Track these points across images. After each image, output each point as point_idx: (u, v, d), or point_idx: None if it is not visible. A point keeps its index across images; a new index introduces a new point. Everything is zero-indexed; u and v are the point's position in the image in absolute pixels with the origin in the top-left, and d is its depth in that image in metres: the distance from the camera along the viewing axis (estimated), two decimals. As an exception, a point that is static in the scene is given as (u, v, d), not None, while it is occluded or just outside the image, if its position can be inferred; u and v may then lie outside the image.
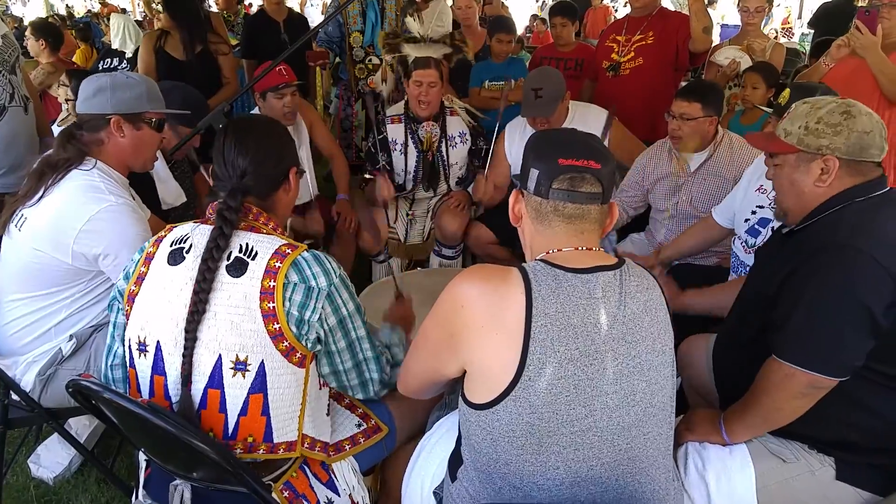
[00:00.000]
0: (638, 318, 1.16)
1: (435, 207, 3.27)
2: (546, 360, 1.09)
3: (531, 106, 2.81)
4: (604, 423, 1.12)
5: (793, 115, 1.48)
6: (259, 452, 1.29)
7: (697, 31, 3.17)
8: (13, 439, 2.21)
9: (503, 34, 3.83)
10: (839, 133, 1.39)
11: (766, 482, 1.44)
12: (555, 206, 1.19)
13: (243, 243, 1.30)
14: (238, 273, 1.27)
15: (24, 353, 1.80)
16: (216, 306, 1.26)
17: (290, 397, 1.31)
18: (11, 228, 1.75)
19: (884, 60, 2.73)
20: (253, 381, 1.26)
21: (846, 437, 1.42)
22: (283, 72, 2.87)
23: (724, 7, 10.72)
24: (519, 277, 1.14)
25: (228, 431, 1.27)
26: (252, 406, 1.27)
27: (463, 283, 1.18)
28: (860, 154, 1.40)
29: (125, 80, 1.80)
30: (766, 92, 3.19)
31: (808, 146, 1.42)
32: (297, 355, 1.29)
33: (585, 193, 1.18)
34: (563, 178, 1.18)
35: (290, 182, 1.45)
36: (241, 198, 1.33)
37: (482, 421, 1.14)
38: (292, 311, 1.26)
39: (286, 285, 1.26)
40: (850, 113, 1.40)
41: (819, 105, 1.44)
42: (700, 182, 2.58)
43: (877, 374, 1.38)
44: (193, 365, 1.26)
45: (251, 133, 1.40)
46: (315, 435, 1.38)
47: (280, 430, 1.30)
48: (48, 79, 3.89)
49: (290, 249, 1.30)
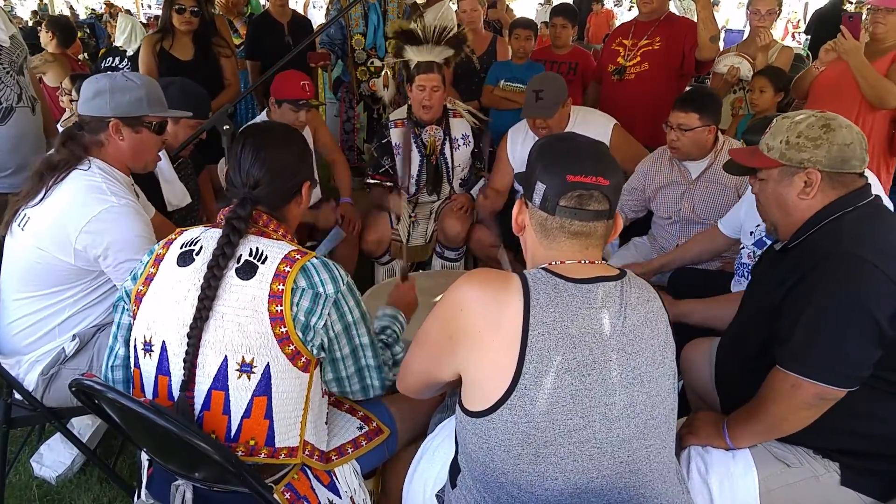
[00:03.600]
0: (638, 329, 1.15)
1: (438, 210, 3.28)
2: (543, 368, 1.08)
3: (532, 107, 2.82)
4: (602, 434, 1.11)
5: (774, 130, 1.50)
6: (260, 456, 1.29)
7: (705, 39, 3.17)
8: (16, 438, 2.21)
9: (521, 29, 3.81)
10: (820, 146, 1.41)
11: (770, 487, 1.44)
12: (561, 223, 1.17)
13: (253, 247, 1.31)
14: (247, 276, 1.27)
15: (27, 353, 1.80)
16: (223, 307, 1.26)
17: (293, 401, 1.31)
18: (14, 228, 1.76)
19: (865, 65, 2.76)
20: (258, 383, 1.26)
21: (853, 444, 1.42)
22: (307, 88, 2.87)
23: (726, 10, 10.70)
24: (518, 284, 1.13)
25: (231, 434, 1.27)
26: (256, 409, 1.27)
27: (463, 287, 1.17)
28: (842, 166, 1.41)
29: (124, 83, 1.79)
30: (774, 95, 3.17)
31: (790, 160, 1.44)
32: (301, 359, 1.29)
33: (593, 212, 1.16)
34: (572, 195, 1.15)
35: (301, 196, 1.45)
36: (251, 207, 1.34)
37: (478, 429, 1.14)
38: (299, 316, 1.27)
39: (294, 290, 1.27)
40: (829, 126, 1.42)
41: (798, 119, 1.46)
42: (702, 190, 2.58)
43: (884, 383, 1.38)
44: (198, 366, 1.26)
45: (269, 145, 1.40)
46: (315, 443, 1.39)
47: (282, 434, 1.30)
48: (43, 66, 3.91)
49: (299, 255, 1.31)
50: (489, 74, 3.84)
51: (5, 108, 2.48)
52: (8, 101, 2.49)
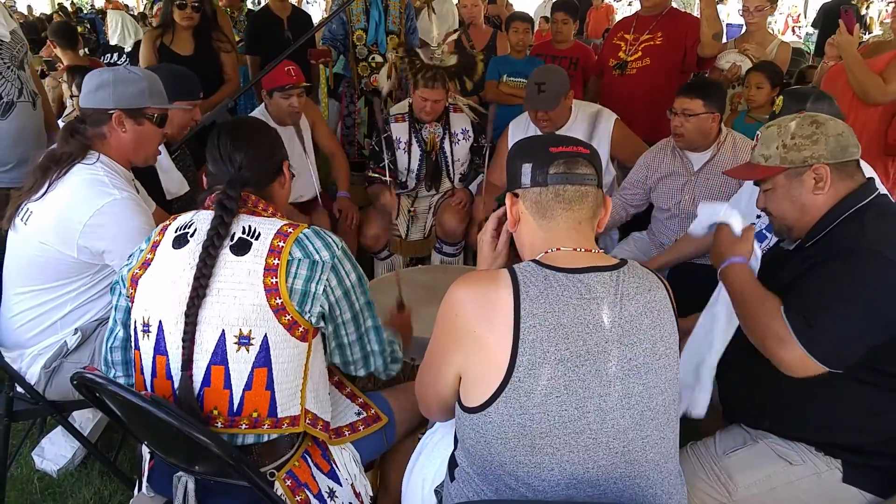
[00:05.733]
0: (636, 319, 1.15)
1: (437, 205, 3.28)
2: (536, 360, 1.09)
3: (534, 100, 2.82)
4: (597, 425, 1.11)
5: (764, 141, 1.52)
6: (264, 427, 1.31)
7: (707, 36, 3.16)
8: (18, 432, 2.22)
9: (518, 22, 3.81)
10: (817, 141, 1.43)
11: (773, 484, 1.45)
12: (555, 191, 1.20)
13: (246, 225, 1.34)
14: (242, 252, 1.30)
15: (29, 346, 1.81)
16: (220, 283, 1.29)
17: (293, 371, 1.33)
18: (17, 222, 1.77)
19: (855, 58, 2.78)
20: (257, 354, 1.28)
21: (858, 440, 1.42)
22: (292, 72, 2.87)
23: (733, 4, 10.64)
24: (507, 279, 1.14)
25: (234, 407, 1.29)
26: (256, 380, 1.29)
27: (455, 293, 1.18)
28: (843, 155, 1.44)
29: (127, 76, 1.81)
30: (770, 91, 3.18)
31: (792, 162, 1.46)
32: (299, 329, 1.31)
33: (582, 174, 1.20)
34: (559, 162, 1.20)
35: (284, 175, 1.50)
36: (239, 188, 1.37)
37: (475, 424, 1.14)
38: (296, 287, 1.29)
39: (290, 262, 1.30)
40: (817, 121, 1.46)
41: (785, 124, 1.49)
42: (704, 181, 2.58)
43: (887, 378, 1.38)
44: (196, 342, 1.28)
45: (242, 129, 1.48)
46: (317, 412, 1.40)
47: (284, 404, 1.32)
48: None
49: (291, 229, 1.34)
50: (490, 69, 3.83)
51: (6, 102, 2.49)
52: (9, 96, 2.49)
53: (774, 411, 1.50)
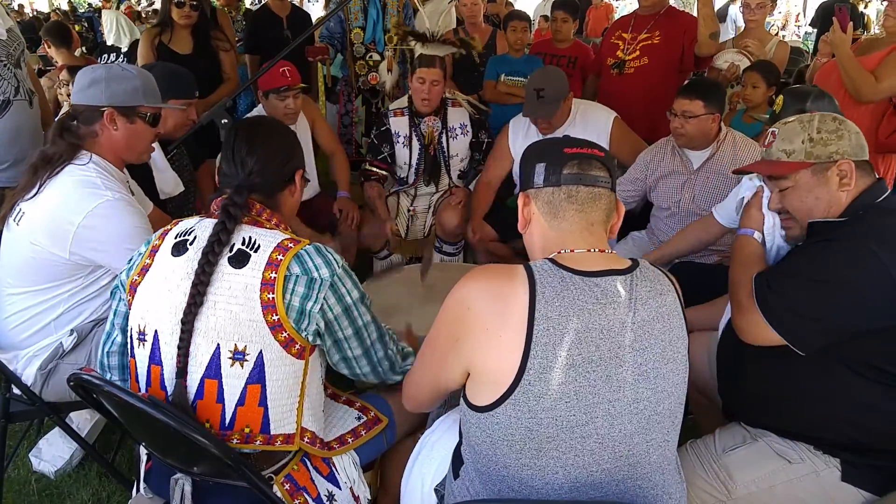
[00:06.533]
0: (649, 324, 1.14)
1: (436, 203, 3.28)
2: (547, 364, 1.08)
3: (533, 106, 2.81)
4: (605, 430, 1.10)
5: (786, 136, 1.49)
6: (256, 443, 1.30)
7: (704, 36, 3.16)
8: (14, 433, 2.22)
9: (517, 21, 3.80)
10: (842, 137, 1.43)
11: (772, 482, 1.45)
12: (568, 191, 1.20)
13: (246, 236, 1.31)
14: (240, 264, 1.28)
15: (24, 348, 1.80)
16: (216, 296, 1.26)
17: (288, 389, 1.31)
18: (10, 223, 1.75)
19: (848, 56, 2.80)
20: (251, 371, 1.26)
21: (857, 439, 1.42)
22: (287, 74, 2.85)
23: (740, 3, 10.68)
24: (524, 277, 1.13)
25: (225, 422, 1.28)
26: (250, 396, 1.27)
27: (468, 285, 1.17)
28: (861, 153, 1.44)
29: (121, 73, 1.79)
30: (766, 91, 3.18)
31: (818, 157, 1.44)
32: (295, 346, 1.29)
33: (595, 176, 1.20)
34: (573, 163, 1.20)
35: (295, 184, 1.46)
36: (246, 195, 1.34)
37: (482, 423, 1.14)
38: (293, 303, 1.27)
39: (288, 277, 1.27)
40: (838, 118, 1.46)
41: (809, 119, 1.48)
42: (703, 180, 2.58)
43: (885, 376, 1.38)
44: (190, 355, 1.27)
45: (260, 133, 1.43)
46: (315, 430, 1.39)
47: (278, 421, 1.31)
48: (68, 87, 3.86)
49: (292, 244, 1.31)
50: (488, 69, 3.83)
51: (2, 101, 2.47)
52: (5, 94, 2.48)
53: (774, 410, 1.50)
